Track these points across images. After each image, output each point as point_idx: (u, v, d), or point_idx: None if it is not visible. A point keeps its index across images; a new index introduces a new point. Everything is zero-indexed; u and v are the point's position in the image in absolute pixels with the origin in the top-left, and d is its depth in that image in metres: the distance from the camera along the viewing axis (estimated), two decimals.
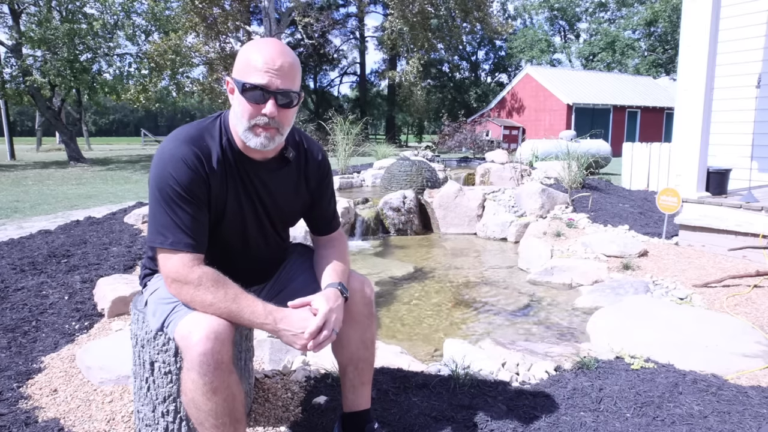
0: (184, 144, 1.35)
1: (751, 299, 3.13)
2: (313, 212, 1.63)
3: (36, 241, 4.33)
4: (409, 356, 2.35)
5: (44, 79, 13.86)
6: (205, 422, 1.29)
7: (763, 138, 6.06)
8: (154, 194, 1.34)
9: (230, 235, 1.48)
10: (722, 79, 6.03)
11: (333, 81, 39.15)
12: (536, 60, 36.20)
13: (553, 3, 40.26)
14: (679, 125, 4.94)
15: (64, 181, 10.63)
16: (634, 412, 1.84)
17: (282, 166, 1.50)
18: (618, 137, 22.39)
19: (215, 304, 1.29)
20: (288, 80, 1.32)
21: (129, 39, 15.03)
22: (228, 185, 1.41)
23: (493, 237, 5.68)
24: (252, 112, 1.32)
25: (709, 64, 4.70)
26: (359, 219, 5.65)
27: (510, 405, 1.88)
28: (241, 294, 1.31)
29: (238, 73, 1.33)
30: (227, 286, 1.31)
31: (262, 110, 1.32)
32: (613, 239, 4.35)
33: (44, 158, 18.15)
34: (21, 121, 47.13)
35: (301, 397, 1.91)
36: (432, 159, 10.10)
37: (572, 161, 6.85)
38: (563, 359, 2.28)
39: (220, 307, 1.29)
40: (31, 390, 1.95)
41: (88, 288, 3.10)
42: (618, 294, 3.27)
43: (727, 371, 2.20)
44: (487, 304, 3.48)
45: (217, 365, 1.24)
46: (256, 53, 1.31)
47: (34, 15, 14.37)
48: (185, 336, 1.26)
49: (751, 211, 4.22)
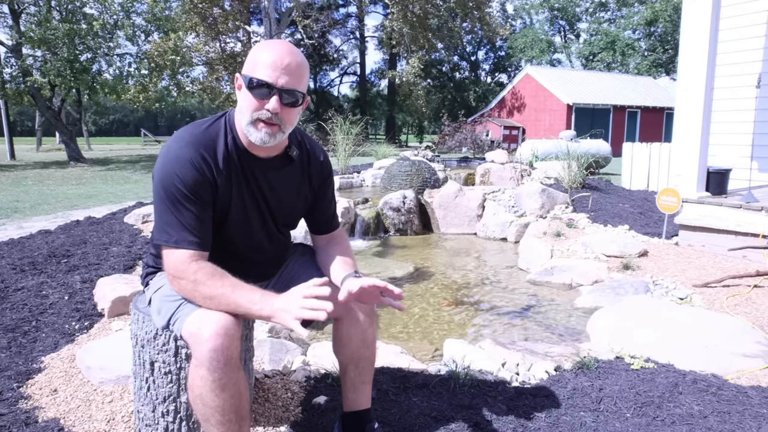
0: (190, 145, 1.36)
1: (751, 299, 3.13)
2: (315, 212, 1.64)
3: (36, 241, 4.33)
4: (409, 356, 2.35)
5: (44, 79, 13.86)
6: (211, 418, 1.29)
7: (763, 138, 6.06)
8: (159, 194, 1.35)
9: (234, 233, 1.49)
10: (722, 79, 6.03)
11: (333, 81, 39.18)
12: (536, 60, 36.20)
13: (553, 3, 40.26)
14: (679, 125, 4.94)
15: (64, 181, 10.63)
16: (634, 412, 1.84)
17: (285, 164, 1.52)
18: (618, 137, 22.39)
19: (215, 298, 1.29)
20: (294, 79, 1.34)
21: (129, 39, 15.03)
22: (233, 183, 1.43)
23: (493, 237, 5.68)
24: (256, 106, 1.34)
25: (709, 64, 4.70)
26: (359, 219, 5.65)
27: (510, 405, 1.88)
28: (238, 284, 1.32)
29: (247, 69, 1.36)
30: (224, 277, 1.32)
31: (265, 105, 1.33)
32: (613, 239, 4.35)
33: (44, 158, 18.15)
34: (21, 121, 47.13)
35: (301, 397, 1.91)
36: (432, 159, 10.09)
37: (572, 161, 6.85)
38: (563, 359, 2.28)
39: (220, 301, 1.29)
40: (31, 390, 1.95)
41: (88, 288, 3.10)
42: (618, 294, 3.27)
43: (727, 371, 2.20)
44: (487, 304, 3.48)
45: (227, 361, 1.25)
46: (265, 51, 1.34)
47: (34, 15, 14.37)
48: (194, 332, 1.27)
49: (751, 211, 4.22)
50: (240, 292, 1.30)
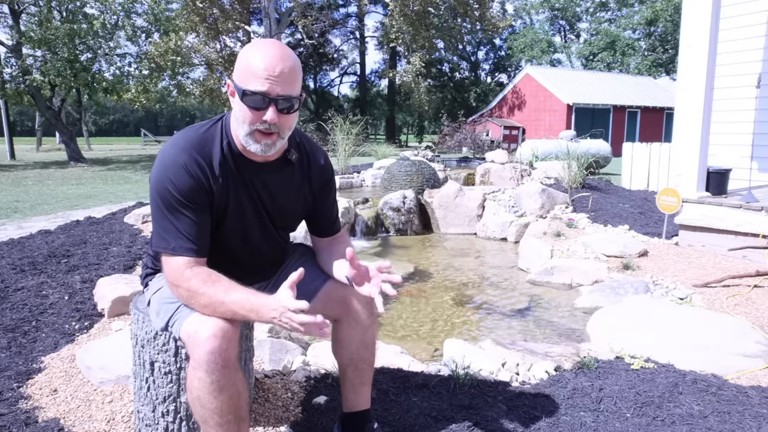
0: (185, 150, 1.35)
1: (751, 299, 3.13)
2: (317, 215, 1.63)
3: (36, 241, 4.33)
4: (409, 356, 2.35)
5: (44, 79, 13.86)
6: (210, 420, 1.29)
7: (763, 138, 6.06)
8: (155, 200, 1.34)
9: (232, 236, 1.49)
10: (722, 79, 6.03)
11: (333, 81, 39.17)
12: (536, 60, 36.17)
13: (554, 3, 40.24)
14: (679, 125, 4.94)
15: (64, 181, 10.63)
16: (634, 412, 1.84)
17: (283, 167, 1.50)
18: (618, 137, 22.38)
19: (209, 306, 1.29)
20: (289, 86, 1.30)
21: (129, 39, 15.03)
22: (230, 188, 1.41)
23: (493, 237, 5.68)
24: (252, 119, 1.31)
25: (709, 64, 4.70)
26: (359, 219, 5.65)
27: (510, 405, 1.88)
28: (232, 289, 1.30)
29: (239, 77, 1.32)
30: (218, 283, 1.31)
31: (262, 117, 1.30)
32: (613, 239, 4.35)
33: (44, 158, 18.14)
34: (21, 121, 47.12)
35: (301, 397, 1.91)
36: (432, 159, 10.10)
37: (572, 161, 6.85)
38: (563, 359, 2.28)
39: (216, 308, 1.28)
40: (31, 390, 1.95)
41: (88, 288, 3.10)
42: (618, 294, 3.27)
43: (727, 371, 2.20)
44: (487, 304, 3.48)
45: (225, 363, 1.25)
46: (256, 58, 1.29)
47: (34, 15, 14.37)
48: (192, 335, 1.27)
49: (751, 211, 4.22)
50: (233, 297, 1.28)
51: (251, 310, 1.27)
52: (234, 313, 1.28)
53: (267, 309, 1.25)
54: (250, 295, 1.28)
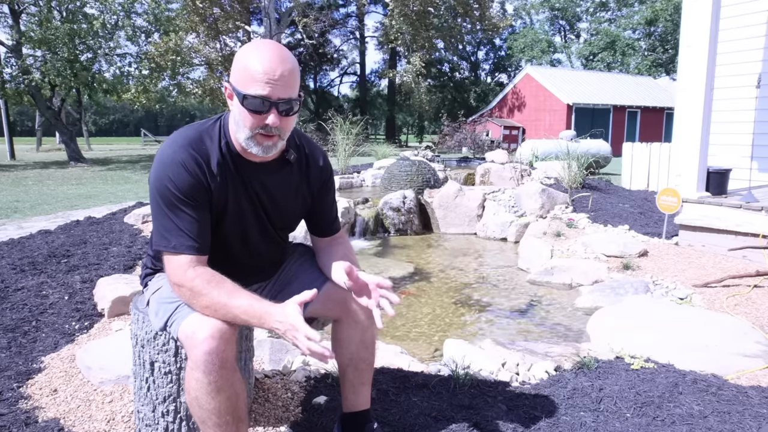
0: (183, 148, 1.35)
1: (751, 299, 3.13)
2: (316, 215, 1.62)
3: (36, 241, 4.33)
4: (409, 356, 2.35)
5: (44, 79, 13.86)
6: (208, 420, 1.29)
7: (763, 138, 6.06)
8: (155, 198, 1.34)
9: (231, 236, 1.48)
10: (722, 79, 6.03)
11: (333, 81, 39.18)
12: (536, 60, 36.18)
13: (554, 3, 40.25)
14: (679, 125, 4.94)
15: (64, 181, 10.63)
16: (634, 412, 1.84)
17: (282, 167, 1.49)
18: (618, 137, 22.38)
19: (210, 307, 1.28)
20: (289, 88, 1.30)
21: (129, 39, 15.04)
22: (228, 188, 1.41)
23: (493, 237, 5.68)
24: (254, 123, 1.31)
25: (709, 64, 4.70)
26: (359, 219, 5.65)
27: (510, 405, 1.88)
28: (235, 292, 1.29)
29: (237, 81, 1.30)
30: (221, 285, 1.30)
31: (264, 120, 1.30)
32: (613, 239, 4.35)
33: (44, 158, 18.14)
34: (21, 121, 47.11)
35: (301, 397, 1.91)
36: (432, 159, 10.09)
37: (572, 161, 6.85)
38: (563, 359, 2.28)
39: (217, 311, 1.28)
40: (31, 390, 1.95)
41: (88, 288, 3.10)
42: (618, 294, 3.27)
43: (727, 371, 2.20)
44: (487, 304, 3.48)
45: (222, 364, 1.25)
46: (255, 61, 1.27)
47: (34, 15, 14.37)
48: (189, 335, 1.27)
49: (751, 211, 4.22)
50: (236, 302, 1.27)
51: (254, 316, 1.27)
52: (235, 317, 1.28)
53: (271, 318, 1.25)
54: (253, 301, 1.28)
